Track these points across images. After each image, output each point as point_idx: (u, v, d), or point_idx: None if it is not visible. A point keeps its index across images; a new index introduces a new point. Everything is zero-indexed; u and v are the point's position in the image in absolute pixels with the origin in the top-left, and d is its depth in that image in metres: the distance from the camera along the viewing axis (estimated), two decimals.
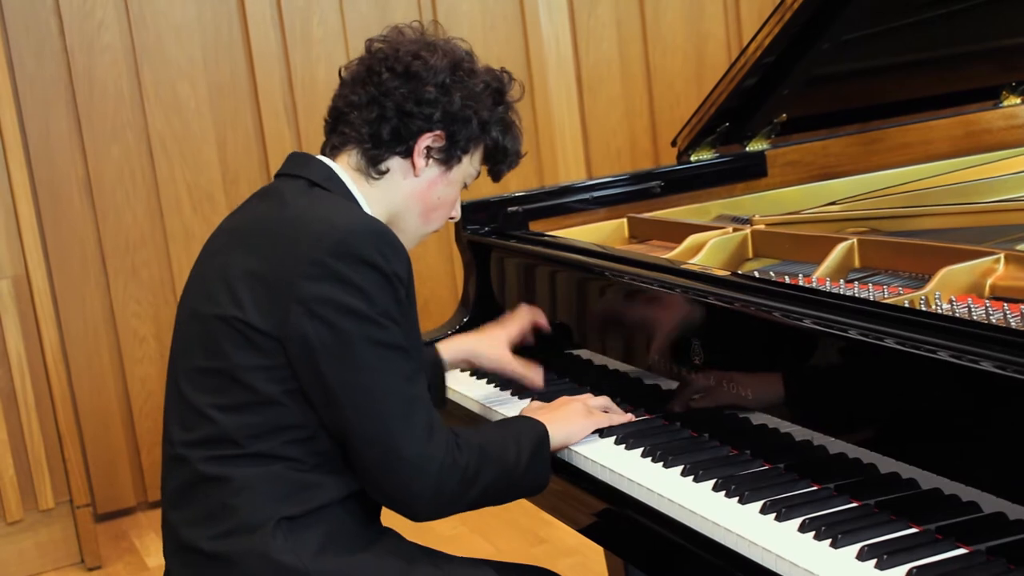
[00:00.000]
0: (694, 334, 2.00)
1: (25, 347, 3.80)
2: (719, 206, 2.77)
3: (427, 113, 1.91)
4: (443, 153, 1.96)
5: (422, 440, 1.77)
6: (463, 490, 1.82)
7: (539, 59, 4.71)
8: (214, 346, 1.82)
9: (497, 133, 2.00)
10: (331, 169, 1.94)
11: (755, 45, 2.64)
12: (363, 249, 1.77)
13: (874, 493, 1.65)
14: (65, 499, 3.92)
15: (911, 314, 1.67)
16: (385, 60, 1.94)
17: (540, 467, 1.93)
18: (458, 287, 4.39)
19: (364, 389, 1.76)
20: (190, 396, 1.85)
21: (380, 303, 1.77)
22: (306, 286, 1.76)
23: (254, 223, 1.90)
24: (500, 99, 2.01)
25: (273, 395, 1.79)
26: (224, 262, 1.87)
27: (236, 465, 1.81)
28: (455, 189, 2.01)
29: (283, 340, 1.77)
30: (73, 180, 4.08)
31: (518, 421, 2.00)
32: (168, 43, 4.15)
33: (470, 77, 1.96)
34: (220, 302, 1.83)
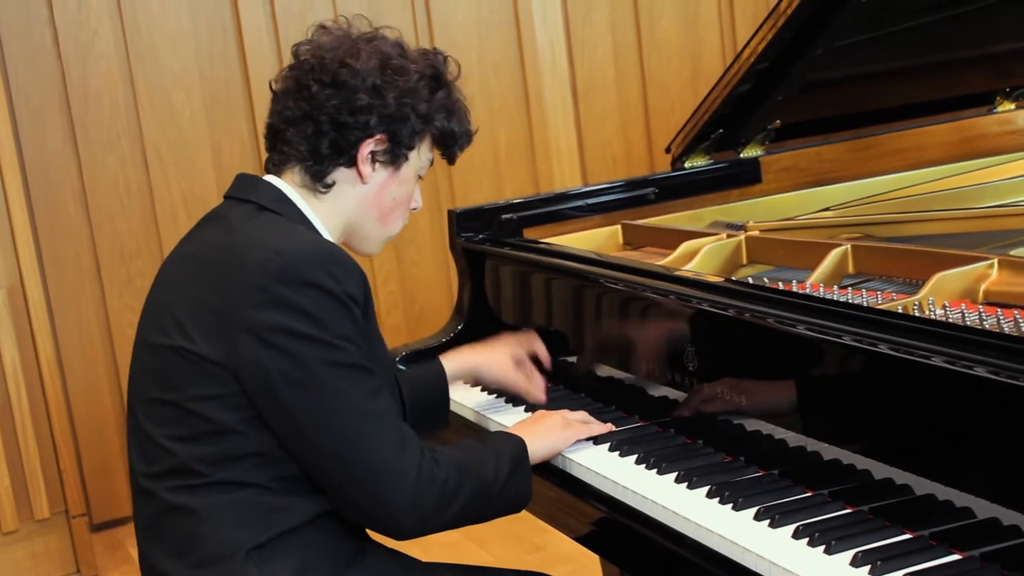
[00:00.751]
0: (688, 341, 1.99)
1: (20, 357, 3.79)
2: (713, 212, 2.77)
3: (363, 121, 1.87)
4: (388, 155, 1.91)
5: (394, 456, 1.74)
6: (444, 505, 1.78)
7: (534, 67, 4.71)
8: (166, 377, 1.80)
9: (441, 120, 1.95)
10: (280, 191, 1.90)
11: (749, 51, 2.64)
12: (310, 273, 1.73)
13: (868, 499, 1.65)
14: (61, 509, 3.91)
15: (905, 320, 1.67)
16: (312, 71, 1.89)
17: (520, 482, 1.90)
18: (453, 294, 4.38)
19: (327, 413, 1.73)
20: (147, 428, 1.83)
21: (332, 326, 1.73)
22: (254, 314, 1.72)
23: (201, 251, 1.86)
24: (437, 85, 1.95)
25: (229, 424, 1.76)
26: (172, 292, 1.85)
27: (201, 494, 1.78)
28: (409, 186, 1.97)
29: (236, 370, 1.74)
30: (68, 189, 4.08)
31: (496, 436, 1.97)
32: (163, 52, 4.15)
33: (401, 74, 1.90)
34: (169, 333, 1.80)
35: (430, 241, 4.57)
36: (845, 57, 2.71)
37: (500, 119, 4.68)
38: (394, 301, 4.50)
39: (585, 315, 2.34)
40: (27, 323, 3.81)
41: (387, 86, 1.88)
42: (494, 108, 4.66)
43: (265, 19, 4.23)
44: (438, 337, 2.65)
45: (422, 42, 4.45)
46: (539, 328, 2.47)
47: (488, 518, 1.89)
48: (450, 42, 4.51)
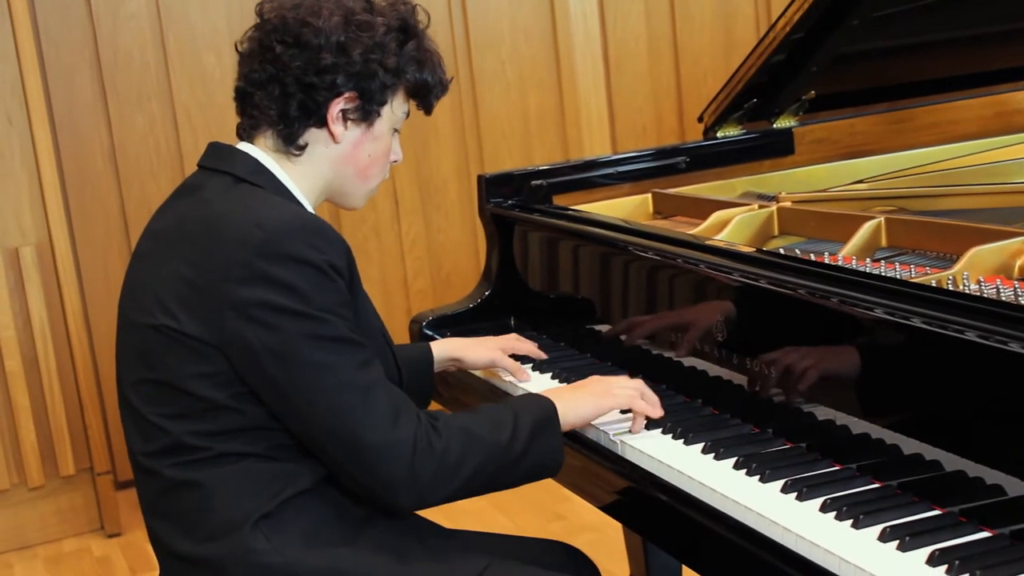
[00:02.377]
0: (717, 311, 1.98)
1: (48, 314, 3.81)
2: (745, 183, 2.75)
3: (329, 80, 1.82)
4: (360, 112, 1.86)
5: (386, 427, 1.71)
6: (446, 475, 1.74)
7: (566, 35, 4.68)
8: (153, 358, 1.77)
9: (413, 72, 1.89)
10: (256, 160, 1.86)
11: (784, 21, 2.61)
12: (292, 246, 1.70)
13: (897, 474, 1.64)
14: (86, 466, 3.93)
15: (939, 293, 1.65)
16: (275, 32, 1.84)
17: (546, 445, 1.85)
18: (480, 260, 4.38)
19: (316, 387, 1.70)
20: (140, 408, 1.80)
21: (317, 299, 1.70)
22: (237, 290, 1.69)
23: (179, 226, 1.82)
24: (406, 36, 1.89)
25: (221, 401, 1.74)
26: (152, 269, 1.81)
27: (204, 468, 1.76)
28: (384, 141, 1.92)
29: (222, 347, 1.71)
30: (97, 148, 4.09)
31: (522, 400, 1.93)
32: (193, 12, 4.14)
33: (366, 29, 1.84)
34: (152, 312, 1.77)
35: (458, 207, 4.56)
36: (881, 28, 2.69)
37: (531, 85, 4.66)
38: (421, 266, 4.50)
39: (613, 283, 2.33)
40: (55, 280, 3.82)
41: (352, 43, 1.83)
42: (525, 74, 4.64)
43: None
44: (465, 303, 2.65)
45: (454, 6, 4.43)
46: (566, 295, 2.47)
47: (512, 484, 1.86)
48: (482, 7, 4.49)
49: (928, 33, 2.82)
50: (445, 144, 4.55)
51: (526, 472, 1.86)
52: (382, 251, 4.44)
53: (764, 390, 1.88)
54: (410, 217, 4.49)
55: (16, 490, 3.86)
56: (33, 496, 3.89)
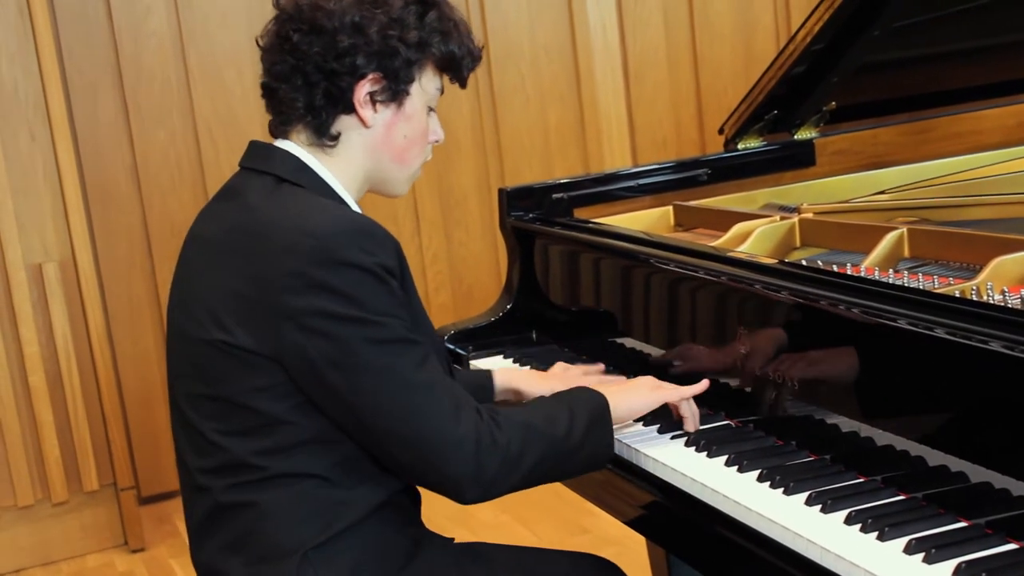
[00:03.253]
0: (739, 323, 1.97)
1: (71, 329, 3.83)
2: (766, 195, 2.74)
3: (349, 63, 1.78)
4: (387, 93, 1.81)
5: (450, 425, 1.70)
6: (509, 469, 1.75)
7: (585, 46, 4.69)
8: (208, 372, 1.75)
9: (438, 44, 1.84)
10: (296, 158, 1.82)
11: (804, 32, 2.61)
12: (342, 251, 1.68)
13: (922, 486, 1.62)
14: (109, 481, 3.95)
15: (963, 304, 1.64)
16: (290, 20, 1.81)
17: (599, 437, 1.85)
18: (501, 273, 4.38)
19: (378, 391, 1.69)
20: (196, 423, 1.79)
21: (372, 303, 1.69)
22: (291, 300, 1.68)
23: (225, 235, 1.79)
24: (425, 8, 1.83)
25: (280, 414, 1.72)
26: (201, 280, 1.79)
27: (261, 489, 1.75)
28: (419, 120, 1.87)
29: (279, 358, 1.70)
30: (120, 164, 4.11)
31: (575, 392, 1.92)
32: (214, 29, 4.16)
33: (380, 5, 1.79)
34: (204, 324, 1.75)
35: (479, 220, 4.57)
36: (903, 38, 2.68)
37: (551, 99, 4.66)
38: (442, 280, 4.50)
39: (635, 296, 2.32)
40: (78, 296, 3.84)
41: (367, 21, 1.78)
42: (545, 87, 4.64)
43: None
44: (486, 316, 2.64)
45: (473, 20, 4.44)
46: (588, 308, 2.47)
47: (566, 476, 1.89)
48: (501, 20, 4.50)
49: (950, 42, 2.81)
50: (466, 158, 4.56)
51: (581, 463, 1.87)
52: None
53: (787, 402, 1.87)
54: (431, 231, 4.49)
55: (40, 506, 3.88)
56: (57, 512, 3.90)
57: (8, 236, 3.74)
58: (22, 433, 3.81)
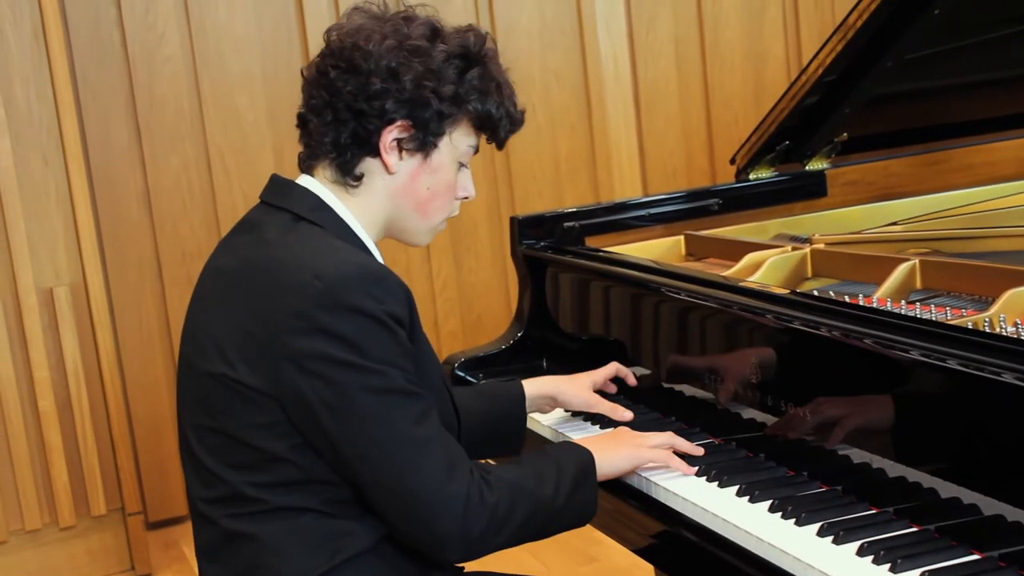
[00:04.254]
0: (751, 353, 1.97)
1: (81, 354, 3.83)
2: (778, 225, 2.74)
3: (378, 106, 1.77)
4: (414, 142, 1.80)
5: (441, 482, 1.68)
6: (495, 529, 1.72)
7: (597, 76, 4.70)
8: (212, 405, 1.76)
9: (475, 102, 1.82)
10: (316, 197, 1.82)
11: (816, 63, 2.61)
12: (350, 296, 1.67)
13: (935, 518, 1.62)
14: (117, 506, 3.94)
15: (975, 335, 1.64)
16: (331, 56, 1.80)
17: (585, 497, 1.84)
18: (511, 301, 4.38)
19: (371, 440, 1.67)
20: (200, 454, 1.79)
21: (374, 351, 1.67)
22: (294, 342, 1.67)
23: (239, 268, 1.79)
24: (468, 64, 1.82)
25: (279, 452, 1.71)
26: (212, 313, 1.79)
27: (262, 521, 1.74)
28: (446, 174, 1.86)
29: (278, 398, 1.69)
30: (132, 189, 4.12)
31: (561, 448, 1.91)
32: (228, 55, 4.18)
33: (419, 55, 1.78)
34: (210, 357, 1.75)
35: (488, 248, 4.57)
36: (915, 70, 2.68)
37: (562, 128, 4.67)
38: (451, 308, 4.50)
39: (646, 325, 2.32)
40: (88, 321, 3.84)
41: (403, 68, 1.77)
42: (556, 117, 4.65)
43: (331, 22, 4.24)
44: (497, 344, 2.64)
45: None
46: (599, 337, 2.46)
47: (549, 535, 1.84)
48: (513, 49, 4.51)
49: (963, 74, 2.82)
50: (476, 186, 4.56)
51: (564, 523, 1.85)
52: (413, 292, 4.44)
53: (799, 432, 1.87)
54: (441, 258, 4.49)
55: (48, 530, 3.87)
56: (64, 536, 3.89)
57: (20, 260, 3.75)
58: (30, 457, 3.81)
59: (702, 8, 4.82)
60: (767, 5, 4.88)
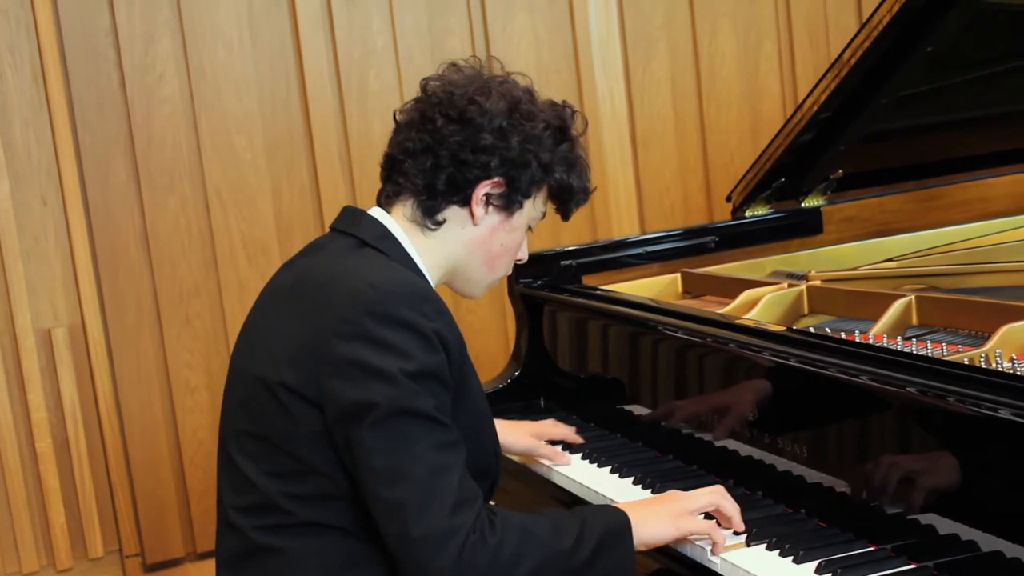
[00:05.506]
0: (748, 390, 1.97)
1: (79, 395, 3.82)
2: (774, 262, 2.75)
3: (484, 161, 1.82)
4: (503, 200, 1.86)
5: (444, 514, 1.66)
6: (499, 572, 1.68)
7: (593, 114, 4.71)
8: (255, 409, 1.78)
9: (561, 173, 1.90)
10: (384, 227, 1.86)
11: (811, 100, 2.63)
12: (399, 308, 1.70)
13: (933, 555, 1.62)
14: (115, 548, 3.92)
15: (971, 371, 1.64)
16: (439, 105, 1.85)
17: (614, 558, 1.76)
18: (509, 341, 4.38)
19: (385, 455, 1.67)
20: (237, 460, 1.80)
21: (413, 364, 1.68)
22: (338, 346, 1.69)
23: (298, 282, 1.83)
24: (562, 137, 1.91)
25: (316, 464, 1.73)
26: (266, 321, 1.83)
27: (289, 536, 1.75)
28: (519, 234, 1.92)
29: (319, 404, 1.71)
30: (130, 230, 4.12)
31: (595, 508, 1.87)
32: (226, 96, 4.19)
33: (529, 119, 1.86)
34: (260, 361, 1.78)
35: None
36: (909, 107, 2.69)
37: None
38: None
39: (643, 363, 2.32)
40: (86, 361, 3.84)
41: (513, 129, 1.84)
42: None
43: (328, 65, 4.26)
44: (495, 383, 2.64)
45: None
46: (596, 375, 2.46)
47: None
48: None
49: (958, 111, 2.83)
50: None
51: None
52: None
53: (796, 470, 1.86)
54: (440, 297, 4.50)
55: (44, 572, 3.85)
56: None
57: (18, 301, 3.76)
58: (28, 498, 3.79)
59: (698, 46, 4.85)
60: (763, 43, 4.91)
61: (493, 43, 4.51)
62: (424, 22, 4.31)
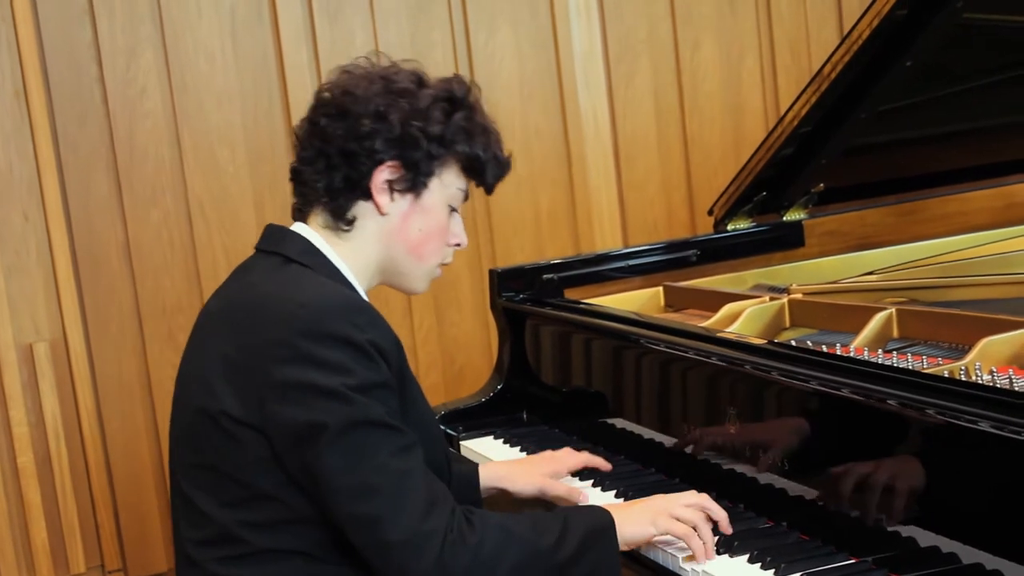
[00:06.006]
0: (730, 403, 1.97)
1: (61, 410, 3.81)
2: (756, 275, 2.76)
3: (368, 146, 1.81)
4: (405, 182, 1.84)
5: (418, 518, 1.67)
6: (480, 572, 1.69)
7: (576, 130, 4.72)
8: (200, 441, 1.77)
9: (462, 144, 1.87)
10: (307, 240, 1.85)
11: (792, 115, 2.64)
12: (332, 325, 1.69)
13: (914, 567, 1.62)
14: (97, 563, 3.90)
15: (951, 384, 1.65)
16: (322, 107, 1.86)
17: (598, 557, 1.76)
18: (493, 355, 4.37)
19: (347, 472, 1.67)
20: (190, 493, 1.79)
21: (355, 379, 1.68)
22: (278, 370, 1.68)
23: (227, 307, 1.83)
24: (454, 107, 1.87)
25: (267, 490, 1.72)
26: (199, 351, 1.83)
27: (248, 565, 1.74)
28: (436, 216, 1.88)
29: (263, 430, 1.70)
30: (112, 243, 4.11)
31: (577, 508, 1.88)
32: (209, 109, 4.19)
33: (406, 96, 1.83)
34: (197, 392, 1.77)
35: (471, 302, 4.57)
36: (889, 122, 2.71)
37: (542, 182, 4.68)
38: (432, 361, 4.49)
39: (625, 376, 2.32)
40: (68, 376, 3.83)
41: (391, 109, 1.82)
42: (536, 171, 4.67)
43: (311, 79, 4.26)
44: (477, 397, 2.64)
45: None
46: (578, 388, 2.46)
47: None
48: (493, 103, 4.50)
49: (937, 125, 2.84)
50: None
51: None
52: None
53: (778, 483, 1.87)
54: (422, 311, 4.49)
55: None
56: None
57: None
58: (9, 514, 3.77)
59: (680, 62, 4.86)
60: (744, 57, 4.93)
61: (476, 57, 4.51)
62: (407, 37, 4.31)
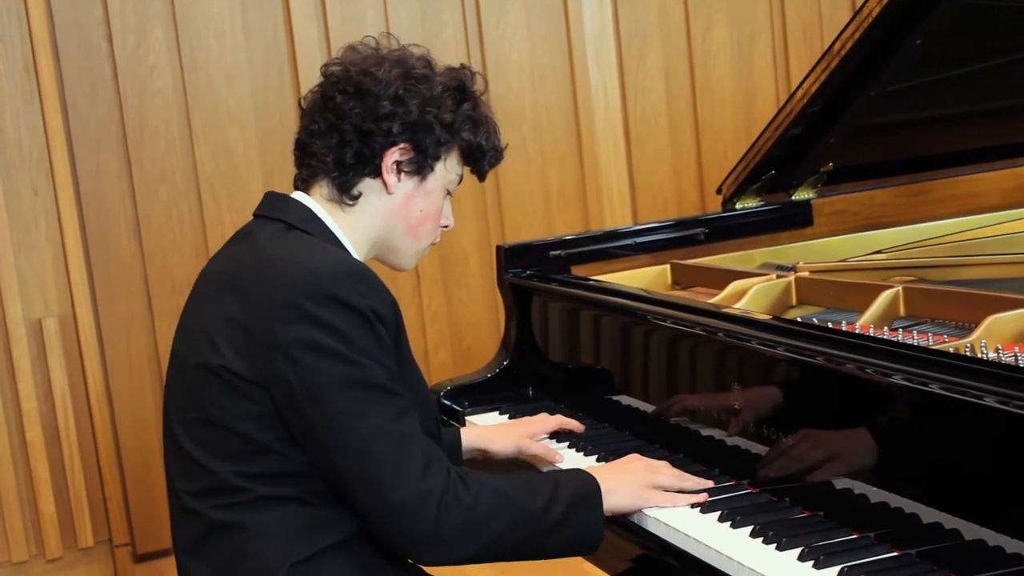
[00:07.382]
0: (735, 379, 1.97)
1: (70, 386, 3.83)
2: (763, 254, 2.75)
3: (386, 128, 1.88)
4: (413, 165, 1.91)
5: (416, 479, 1.72)
6: (473, 531, 1.74)
7: (587, 110, 4.72)
8: (201, 396, 1.80)
9: (467, 132, 1.95)
10: (309, 209, 1.91)
11: (801, 93, 2.63)
12: (337, 289, 1.74)
13: (916, 543, 1.62)
14: (105, 538, 3.92)
15: (957, 359, 1.64)
16: (337, 83, 1.91)
17: (584, 520, 1.82)
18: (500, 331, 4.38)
19: (349, 432, 1.72)
20: (188, 448, 1.83)
21: (357, 342, 1.73)
22: (282, 330, 1.73)
23: (230, 269, 1.87)
24: (463, 97, 1.95)
25: (267, 443, 1.76)
26: (203, 310, 1.86)
27: (248, 511, 1.78)
28: (436, 199, 1.96)
29: (267, 386, 1.75)
30: (122, 220, 4.12)
31: (565, 472, 1.93)
32: (219, 88, 4.19)
33: (424, 82, 1.91)
34: (200, 349, 1.81)
35: (479, 280, 4.57)
36: (898, 101, 2.70)
37: (552, 161, 4.68)
38: (441, 339, 4.49)
39: (632, 352, 2.32)
40: (77, 352, 3.84)
41: (409, 94, 1.89)
42: (546, 150, 4.67)
43: (321, 57, 4.26)
44: (483, 373, 2.64)
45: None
46: (585, 365, 2.46)
47: (545, 555, 1.84)
48: (503, 84, 4.53)
49: (947, 106, 2.83)
50: (467, 217, 4.57)
51: (561, 544, 1.84)
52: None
53: (781, 458, 1.87)
54: (431, 290, 4.50)
55: (34, 562, 3.85)
56: (51, 568, 3.87)
57: (9, 291, 3.75)
58: (18, 489, 3.79)
59: (692, 43, 4.85)
60: (757, 39, 4.91)
61: (487, 37, 4.51)
62: (418, 16, 4.31)
